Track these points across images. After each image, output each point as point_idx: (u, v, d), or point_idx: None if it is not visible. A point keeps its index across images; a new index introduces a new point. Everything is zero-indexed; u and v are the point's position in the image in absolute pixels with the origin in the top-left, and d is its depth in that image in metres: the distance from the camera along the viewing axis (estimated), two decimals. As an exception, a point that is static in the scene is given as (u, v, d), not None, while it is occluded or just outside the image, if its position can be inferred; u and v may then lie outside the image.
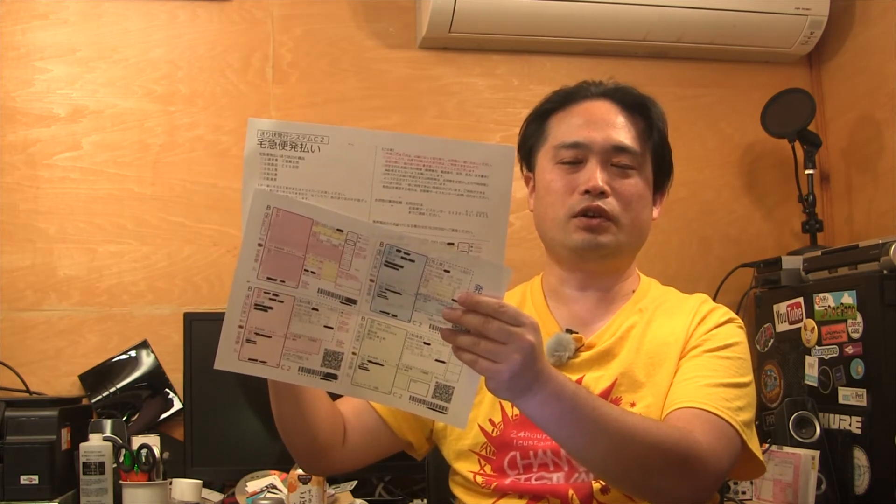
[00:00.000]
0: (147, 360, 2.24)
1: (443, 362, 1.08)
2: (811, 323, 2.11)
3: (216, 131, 2.36)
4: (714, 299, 1.45)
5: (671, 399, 1.29)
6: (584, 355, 1.37)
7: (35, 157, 2.27)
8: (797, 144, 2.47)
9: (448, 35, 2.41)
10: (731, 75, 2.65)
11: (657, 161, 1.44)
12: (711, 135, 2.63)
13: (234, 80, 2.39)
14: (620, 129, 1.39)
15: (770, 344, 2.28)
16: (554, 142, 1.42)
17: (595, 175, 1.36)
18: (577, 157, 1.39)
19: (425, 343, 1.07)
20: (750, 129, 2.59)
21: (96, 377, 2.21)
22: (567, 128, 1.41)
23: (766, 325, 2.30)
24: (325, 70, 2.45)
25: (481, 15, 2.37)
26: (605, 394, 1.32)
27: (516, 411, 1.35)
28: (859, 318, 1.95)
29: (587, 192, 1.36)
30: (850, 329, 1.97)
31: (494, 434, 1.36)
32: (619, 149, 1.38)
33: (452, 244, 1.06)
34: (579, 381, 1.32)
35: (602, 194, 1.36)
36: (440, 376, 1.08)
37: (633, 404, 1.32)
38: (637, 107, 1.42)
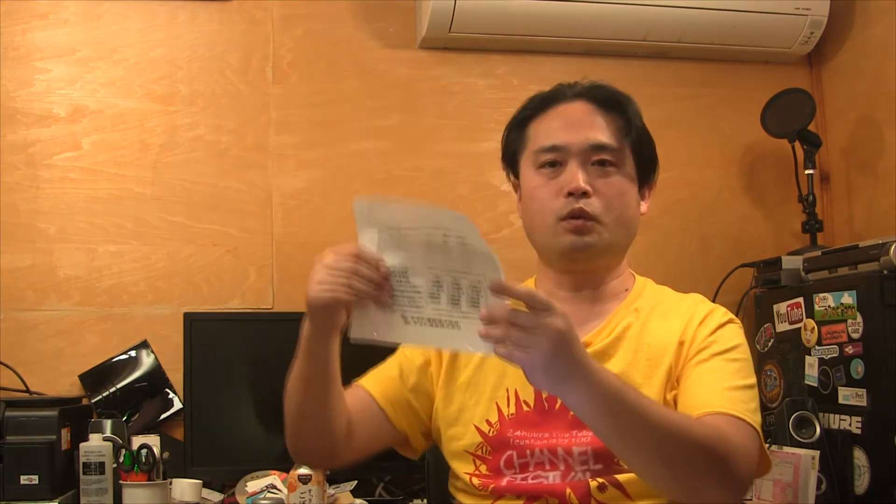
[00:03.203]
0: (147, 360, 2.24)
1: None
2: (811, 323, 2.11)
3: (216, 131, 2.36)
4: (714, 299, 1.46)
5: (695, 403, 1.28)
6: (581, 356, 1.37)
7: (35, 157, 2.27)
8: (797, 144, 2.47)
9: (448, 35, 2.41)
10: (731, 75, 2.65)
11: (638, 155, 1.44)
12: (711, 135, 2.63)
13: (234, 80, 2.39)
14: (597, 128, 1.40)
15: (770, 344, 2.27)
16: (534, 147, 1.43)
17: (576, 176, 1.37)
18: (556, 159, 1.40)
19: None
20: (750, 129, 2.59)
21: (96, 377, 2.21)
22: (545, 132, 1.42)
23: (766, 325, 2.30)
24: (325, 70, 2.45)
25: (481, 15, 2.37)
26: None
27: (512, 410, 1.36)
28: (859, 318, 1.95)
29: (570, 193, 1.37)
30: (850, 329, 1.97)
31: (491, 434, 1.36)
32: (598, 147, 1.39)
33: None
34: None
35: (584, 194, 1.37)
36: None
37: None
38: (613, 104, 1.43)
